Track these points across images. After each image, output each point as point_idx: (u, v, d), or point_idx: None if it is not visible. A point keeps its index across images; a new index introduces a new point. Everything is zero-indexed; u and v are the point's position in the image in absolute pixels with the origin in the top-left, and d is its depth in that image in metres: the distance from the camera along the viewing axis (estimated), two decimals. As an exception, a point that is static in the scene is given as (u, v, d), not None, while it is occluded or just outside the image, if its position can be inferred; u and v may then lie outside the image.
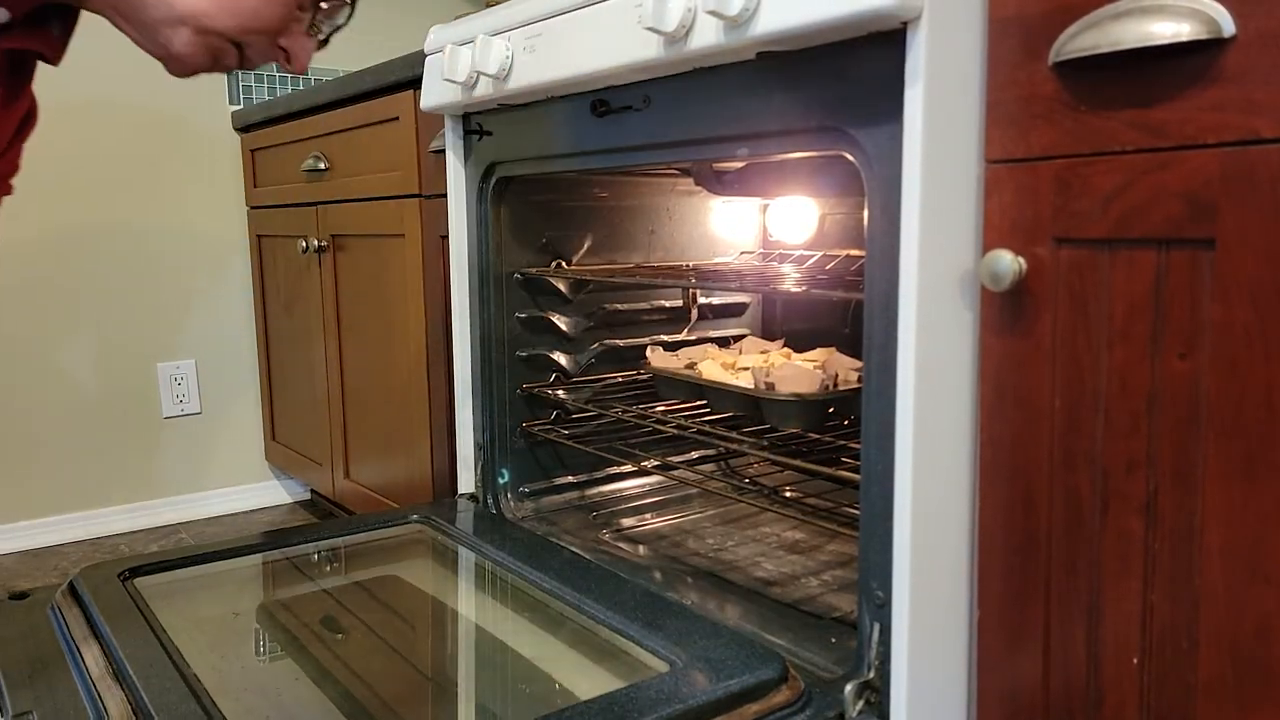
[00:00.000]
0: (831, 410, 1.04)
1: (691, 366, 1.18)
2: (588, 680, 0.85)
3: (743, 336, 1.43)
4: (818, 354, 1.18)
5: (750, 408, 1.07)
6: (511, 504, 1.27)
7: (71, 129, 1.98)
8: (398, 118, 1.51)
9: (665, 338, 1.42)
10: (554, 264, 1.30)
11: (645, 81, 0.92)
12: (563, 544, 1.12)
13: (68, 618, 0.90)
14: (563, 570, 1.00)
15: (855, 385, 1.03)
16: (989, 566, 0.72)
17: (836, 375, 1.04)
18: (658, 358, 1.22)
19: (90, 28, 2.20)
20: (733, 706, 0.74)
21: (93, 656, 0.82)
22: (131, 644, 0.82)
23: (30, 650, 0.86)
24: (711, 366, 1.15)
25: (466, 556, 1.13)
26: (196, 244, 2.15)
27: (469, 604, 1.05)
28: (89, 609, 0.90)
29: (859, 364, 1.08)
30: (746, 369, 1.13)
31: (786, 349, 1.25)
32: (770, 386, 1.03)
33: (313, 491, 2.25)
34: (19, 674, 0.81)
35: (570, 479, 1.33)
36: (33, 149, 2.19)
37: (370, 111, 1.58)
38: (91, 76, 1.99)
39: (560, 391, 1.29)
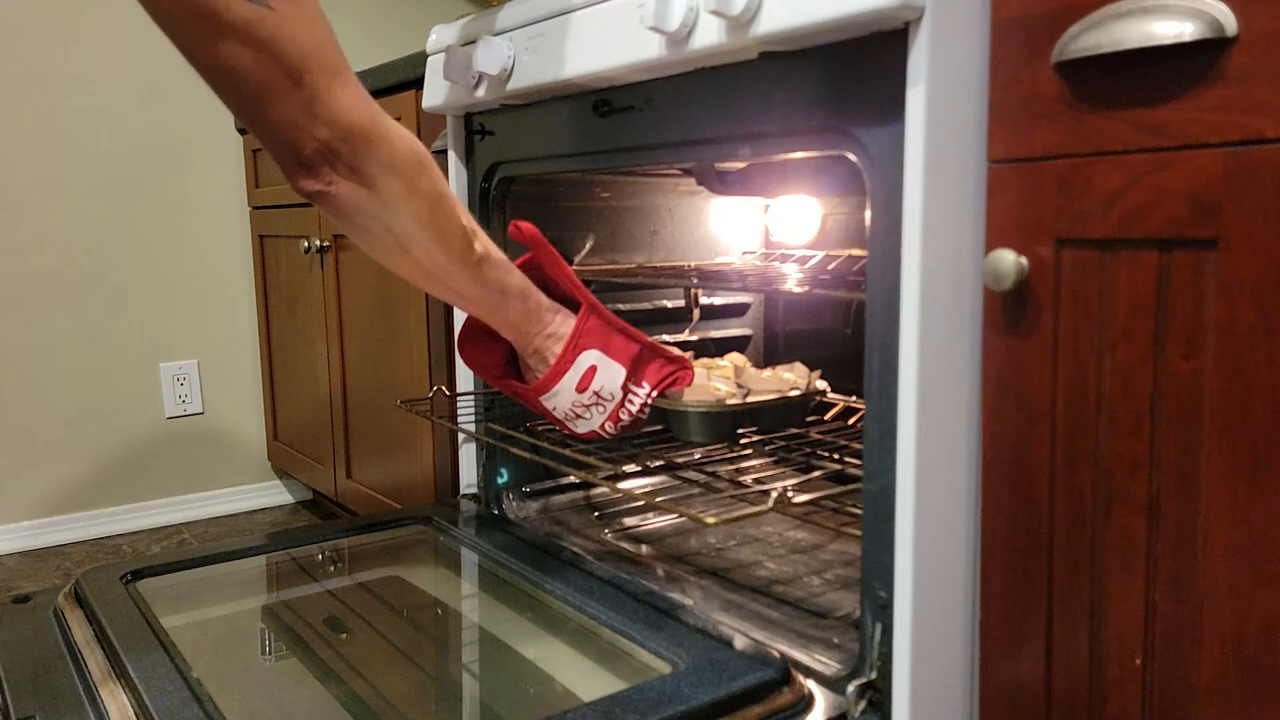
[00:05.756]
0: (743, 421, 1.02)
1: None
2: (589, 681, 0.85)
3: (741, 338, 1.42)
4: (731, 359, 1.16)
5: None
6: (514, 504, 1.27)
7: (75, 130, 1.98)
8: (399, 118, 1.50)
9: (668, 338, 1.42)
10: (556, 264, 1.29)
11: (647, 82, 0.92)
12: (565, 544, 1.12)
13: (70, 621, 0.90)
14: (564, 571, 1.00)
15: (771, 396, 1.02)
16: (991, 566, 0.72)
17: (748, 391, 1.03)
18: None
19: (88, 32, 2.19)
20: (735, 708, 0.74)
21: (95, 661, 0.82)
22: (134, 648, 0.82)
23: (33, 654, 0.86)
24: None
25: (468, 557, 1.13)
26: (199, 244, 2.15)
27: (471, 605, 1.05)
28: (92, 612, 0.90)
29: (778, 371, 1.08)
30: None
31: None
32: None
33: (314, 492, 2.25)
34: (22, 678, 0.81)
35: (573, 478, 1.33)
36: (36, 150, 2.19)
37: (371, 112, 1.58)
38: (94, 78, 1.99)
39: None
